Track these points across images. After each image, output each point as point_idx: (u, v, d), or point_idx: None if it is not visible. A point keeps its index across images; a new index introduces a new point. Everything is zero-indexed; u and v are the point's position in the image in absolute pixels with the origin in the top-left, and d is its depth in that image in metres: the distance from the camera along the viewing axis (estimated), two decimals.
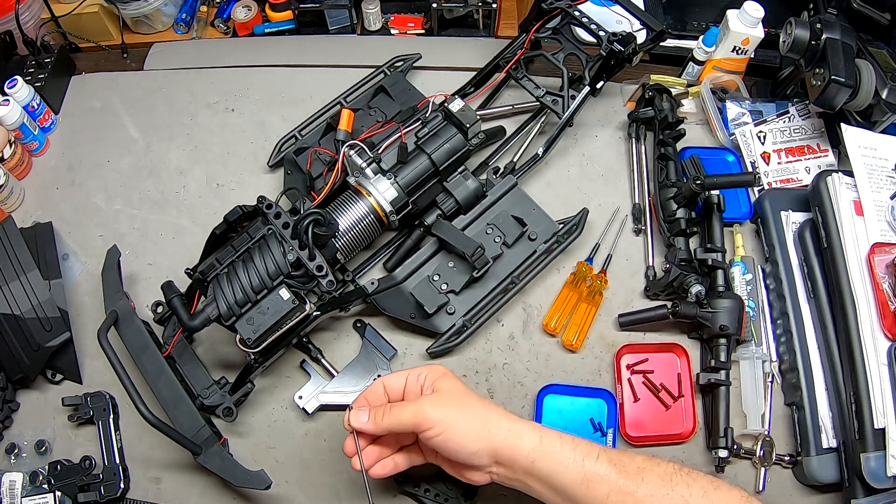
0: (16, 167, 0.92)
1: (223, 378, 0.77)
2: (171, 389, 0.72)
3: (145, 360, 0.74)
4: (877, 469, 0.66)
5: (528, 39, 0.91)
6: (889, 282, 0.72)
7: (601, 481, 0.56)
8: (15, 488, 0.72)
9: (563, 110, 0.87)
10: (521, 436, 0.59)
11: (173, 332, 0.78)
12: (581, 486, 0.57)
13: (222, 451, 0.70)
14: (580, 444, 0.59)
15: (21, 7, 0.99)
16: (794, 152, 0.92)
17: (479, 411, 0.60)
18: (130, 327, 0.75)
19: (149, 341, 0.74)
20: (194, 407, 0.72)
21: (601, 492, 0.56)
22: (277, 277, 0.68)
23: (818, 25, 0.82)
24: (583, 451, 0.58)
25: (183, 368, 0.76)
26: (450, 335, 0.79)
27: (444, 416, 0.58)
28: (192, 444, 0.68)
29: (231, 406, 0.73)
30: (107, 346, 0.66)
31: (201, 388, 0.75)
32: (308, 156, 0.87)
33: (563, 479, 0.57)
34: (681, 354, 0.79)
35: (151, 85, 1.04)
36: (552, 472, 0.57)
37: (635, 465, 0.57)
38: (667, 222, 0.83)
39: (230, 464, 0.69)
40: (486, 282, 0.81)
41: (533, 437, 0.59)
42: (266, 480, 0.67)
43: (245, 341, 0.67)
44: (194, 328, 0.68)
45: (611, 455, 0.58)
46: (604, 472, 0.57)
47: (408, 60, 1.00)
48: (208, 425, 0.72)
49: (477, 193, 0.84)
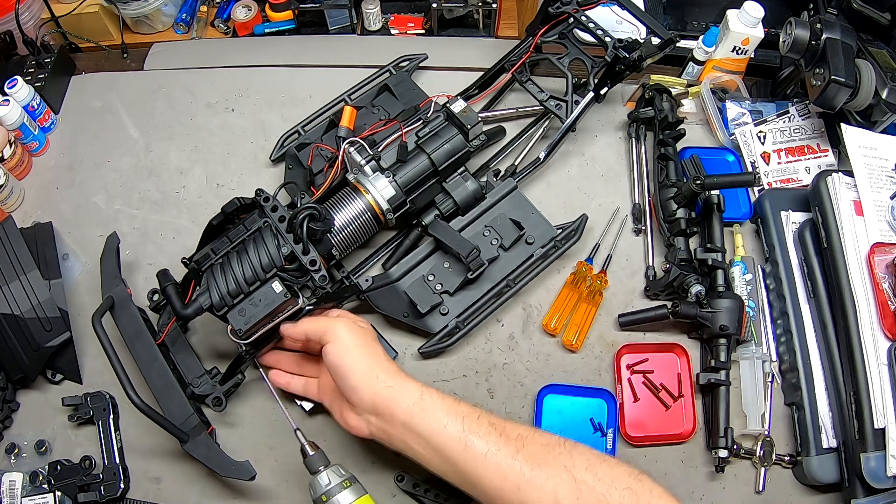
0: (16, 167, 0.92)
1: (215, 368, 0.77)
2: (162, 377, 0.73)
3: (139, 346, 0.74)
4: (877, 469, 0.66)
5: (534, 44, 0.91)
6: (889, 282, 0.72)
7: (480, 443, 0.57)
8: (15, 488, 0.72)
9: (566, 116, 0.87)
10: (404, 390, 0.61)
11: (168, 320, 0.79)
12: (459, 446, 0.57)
13: (209, 440, 0.70)
14: (461, 406, 0.60)
15: (21, 7, 0.99)
16: (794, 152, 0.92)
17: (376, 358, 0.63)
18: (125, 313, 0.75)
19: (143, 328, 0.75)
20: (184, 395, 0.72)
21: (479, 453, 0.56)
22: (271, 270, 0.68)
23: (818, 25, 0.82)
24: (463, 411, 0.59)
25: (176, 357, 0.77)
26: (442, 336, 0.79)
27: (350, 336, 0.64)
28: (180, 432, 0.68)
29: (221, 396, 0.73)
30: (100, 331, 0.66)
31: (193, 377, 0.75)
32: (310, 151, 0.87)
33: (441, 437, 0.58)
34: (681, 354, 0.79)
35: (151, 85, 1.04)
36: (431, 430, 0.58)
37: (517, 432, 0.58)
38: (667, 222, 0.83)
39: (216, 453, 0.69)
40: (481, 284, 0.81)
41: (413, 393, 0.60)
42: (250, 471, 0.68)
43: (236, 332, 0.67)
44: (187, 317, 0.68)
45: (493, 419, 0.59)
46: (483, 434, 0.57)
47: (413, 60, 1.00)
48: (197, 414, 0.72)
49: (476, 195, 0.84)
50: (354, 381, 0.62)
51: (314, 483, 0.65)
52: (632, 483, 0.53)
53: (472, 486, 0.58)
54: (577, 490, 0.53)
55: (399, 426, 0.60)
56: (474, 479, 0.57)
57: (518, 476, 0.55)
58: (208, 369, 0.76)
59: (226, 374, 0.75)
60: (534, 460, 0.55)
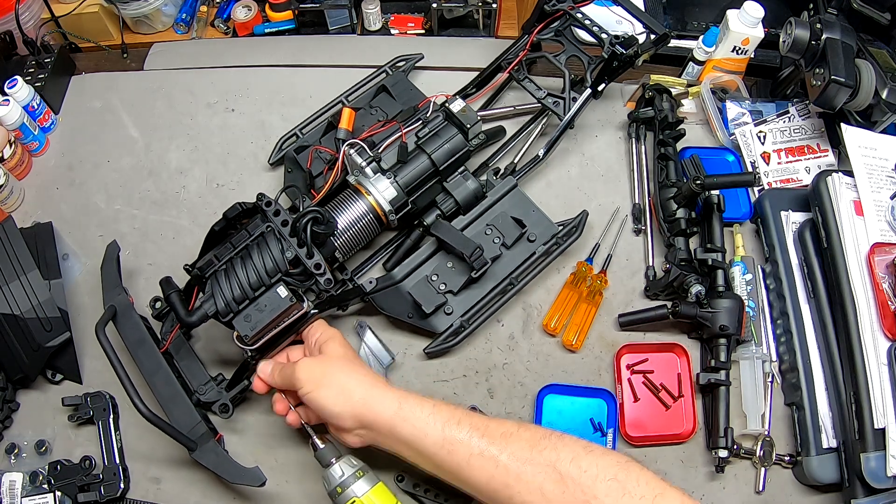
0: (16, 167, 0.92)
1: (220, 375, 0.77)
2: (167, 385, 0.73)
3: (142, 354, 0.74)
4: (877, 469, 0.66)
5: (531, 41, 0.91)
6: (889, 282, 0.72)
7: (462, 446, 0.58)
8: (15, 488, 0.72)
9: (564, 112, 0.87)
10: (381, 402, 0.62)
11: (171, 328, 0.78)
12: (442, 451, 0.58)
13: (217, 448, 0.70)
14: (441, 410, 0.61)
15: (21, 7, 0.99)
16: (794, 152, 0.92)
17: (346, 377, 0.64)
18: (128, 322, 0.75)
19: (146, 336, 0.75)
20: (191, 403, 0.72)
21: (462, 456, 0.58)
22: (275, 275, 0.68)
23: (818, 25, 0.82)
24: (443, 416, 0.60)
25: (180, 364, 0.76)
26: (447, 335, 0.79)
27: (312, 377, 0.64)
28: (188, 440, 0.68)
29: (227, 403, 0.73)
30: (104, 341, 0.66)
31: (198, 384, 0.75)
32: (309, 154, 0.87)
33: (424, 443, 0.59)
34: (681, 354, 0.79)
35: (151, 85, 1.04)
36: (412, 438, 0.60)
37: (501, 430, 0.58)
38: (667, 222, 0.83)
39: (225, 460, 0.69)
40: (484, 282, 0.81)
41: (392, 403, 0.61)
42: (260, 477, 0.68)
43: (242, 338, 0.67)
44: (191, 324, 0.68)
45: (474, 421, 0.59)
46: (464, 437, 0.58)
47: (410, 60, 1.00)
48: (204, 421, 0.72)
49: (476, 194, 0.84)
50: (334, 413, 0.63)
51: (327, 476, 0.65)
52: (617, 472, 0.54)
53: (464, 485, 0.60)
54: (563, 484, 0.54)
55: (385, 436, 0.62)
56: (463, 479, 0.59)
57: (504, 474, 0.56)
58: (213, 376, 0.76)
59: (232, 380, 0.75)
60: (518, 457, 0.56)
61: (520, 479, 0.55)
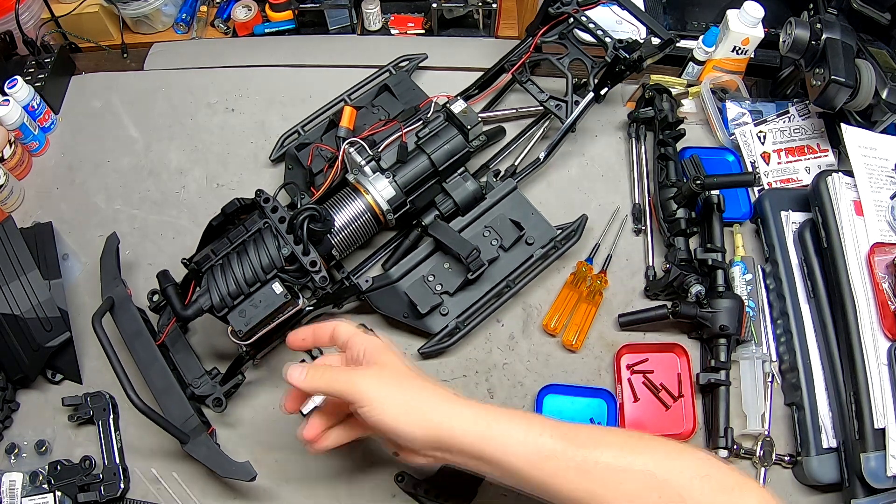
0: (16, 167, 0.92)
1: (215, 369, 0.77)
2: (162, 377, 0.73)
3: (139, 347, 0.74)
4: (877, 469, 0.66)
5: (534, 43, 0.91)
6: (889, 282, 0.72)
7: (549, 463, 0.53)
8: (15, 488, 0.72)
9: (566, 116, 0.87)
10: (462, 421, 0.55)
11: (167, 321, 0.79)
12: (527, 466, 0.53)
13: (209, 441, 0.70)
14: (520, 422, 0.55)
15: (21, 7, 0.99)
16: (794, 152, 0.92)
17: (418, 393, 0.56)
18: (126, 314, 0.75)
19: (143, 328, 0.75)
20: (184, 396, 0.72)
21: (550, 470, 0.53)
22: (271, 271, 0.68)
23: (818, 25, 0.82)
24: (524, 427, 0.54)
25: (176, 357, 0.77)
26: (442, 336, 0.79)
27: (380, 395, 0.54)
28: (180, 433, 0.68)
29: (221, 397, 0.73)
30: (100, 331, 0.66)
31: (193, 378, 0.75)
32: (310, 151, 0.87)
33: (512, 462, 0.54)
34: (681, 354, 0.79)
35: (151, 85, 1.04)
36: (501, 458, 0.54)
37: (583, 437, 0.54)
38: (667, 222, 0.83)
39: (216, 454, 0.70)
40: (481, 284, 0.81)
41: (475, 422, 0.55)
42: (250, 472, 0.68)
43: (236, 333, 0.67)
44: (187, 318, 0.68)
45: (555, 429, 0.54)
46: (549, 449, 0.53)
47: (413, 60, 1.00)
48: (197, 415, 0.72)
49: (476, 195, 0.84)
50: (405, 435, 0.55)
51: None
52: (708, 469, 0.52)
53: (554, 498, 0.55)
54: (659, 488, 0.51)
55: (467, 458, 0.55)
56: (553, 492, 0.54)
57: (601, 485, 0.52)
58: (208, 370, 0.76)
59: (226, 374, 0.75)
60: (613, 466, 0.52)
61: (618, 489, 0.52)
